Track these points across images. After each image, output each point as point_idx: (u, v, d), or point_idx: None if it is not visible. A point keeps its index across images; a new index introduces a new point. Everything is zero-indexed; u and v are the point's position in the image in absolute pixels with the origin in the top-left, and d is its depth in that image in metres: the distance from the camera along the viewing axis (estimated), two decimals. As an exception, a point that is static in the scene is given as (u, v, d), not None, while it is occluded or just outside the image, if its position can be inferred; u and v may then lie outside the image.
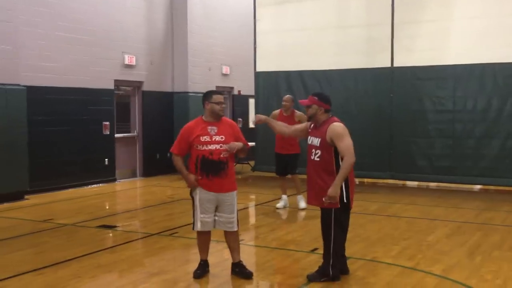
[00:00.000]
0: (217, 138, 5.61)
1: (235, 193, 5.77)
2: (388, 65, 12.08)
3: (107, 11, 12.82)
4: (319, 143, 5.51)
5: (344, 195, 5.43)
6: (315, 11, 12.85)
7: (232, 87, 17.23)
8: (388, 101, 12.13)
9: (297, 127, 6.15)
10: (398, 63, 11.97)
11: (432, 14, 11.68)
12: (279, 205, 9.70)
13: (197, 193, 5.66)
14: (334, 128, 5.46)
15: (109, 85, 12.95)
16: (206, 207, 5.63)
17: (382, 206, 9.96)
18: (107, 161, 12.88)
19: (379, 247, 6.95)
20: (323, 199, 5.40)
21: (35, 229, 8.24)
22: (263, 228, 8.37)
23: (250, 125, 15.95)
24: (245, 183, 13.05)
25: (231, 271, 5.84)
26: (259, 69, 13.70)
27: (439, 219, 8.83)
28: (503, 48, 11.05)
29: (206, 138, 5.60)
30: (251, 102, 15.51)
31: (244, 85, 16.93)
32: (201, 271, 5.80)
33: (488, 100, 11.26)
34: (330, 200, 5.36)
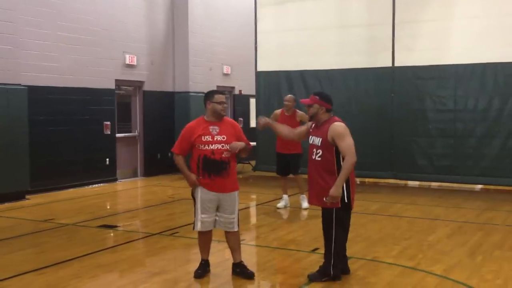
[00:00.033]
0: (218, 137, 5.61)
1: (237, 193, 5.77)
2: (389, 64, 12.08)
3: (108, 11, 12.82)
4: (320, 143, 5.50)
5: (345, 194, 5.43)
6: (316, 10, 12.85)
7: (233, 87, 17.24)
8: (389, 101, 12.13)
9: (300, 130, 6.07)
10: (399, 62, 11.97)
11: (433, 13, 11.68)
12: (280, 205, 9.70)
13: (199, 192, 5.66)
14: (335, 127, 5.45)
15: (110, 85, 12.95)
16: (207, 207, 5.63)
17: (383, 206, 9.96)
18: (108, 161, 12.88)
19: (380, 247, 6.94)
20: (324, 199, 5.40)
21: (36, 229, 8.25)
22: (264, 228, 8.37)
23: (251, 125, 15.97)
24: (246, 182, 13.04)
25: (232, 271, 5.84)
26: (260, 68, 13.70)
27: (440, 219, 8.83)
28: (504, 47, 11.05)
29: (207, 137, 5.59)
30: (252, 101, 15.51)
31: (245, 85, 16.94)
32: (202, 271, 5.80)
33: (489, 99, 11.26)
34: (332, 200, 5.36)
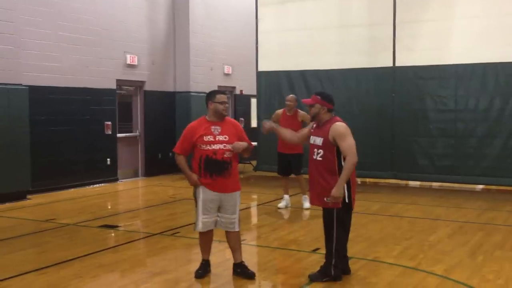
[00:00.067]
0: (220, 137, 5.61)
1: (239, 193, 5.77)
2: (390, 64, 12.08)
3: (109, 11, 12.82)
4: (321, 143, 5.50)
5: (346, 195, 5.43)
6: (317, 10, 12.86)
7: (234, 87, 17.24)
8: (390, 101, 12.13)
9: (303, 133, 6.05)
10: (400, 62, 11.98)
11: (433, 13, 11.69)
12: (281, 205, 9.69)
13: (200, 193, 5.65)
14: (336, 127, 5.45)
15: (111, 85, 12.95)
16: (208, 207, 5.63)
17: (384, 206, 9.96)
18: (109, 161, 12.89)
19: (381, 247, 6.94)
20: (326, 199, 5.40)
21: (37, 228, 8.25)
22: (265, 228, 8.37)
23: (252, 125, 15.97)
24: (247, 182, 13.04)
25: (232, 271, 5.83)
26: (261, 68, 13.70)
27: (441, 219, 8.83)
28: (505, 47, 11.06)
29: (209, 138, 5.59)
30: (253, 101, 15.51)
31: (246, 85, 16.94)
32: (203, 271, 5.80)
33: (490, 99, 11.26)
34: (333, 200, 5.36)
